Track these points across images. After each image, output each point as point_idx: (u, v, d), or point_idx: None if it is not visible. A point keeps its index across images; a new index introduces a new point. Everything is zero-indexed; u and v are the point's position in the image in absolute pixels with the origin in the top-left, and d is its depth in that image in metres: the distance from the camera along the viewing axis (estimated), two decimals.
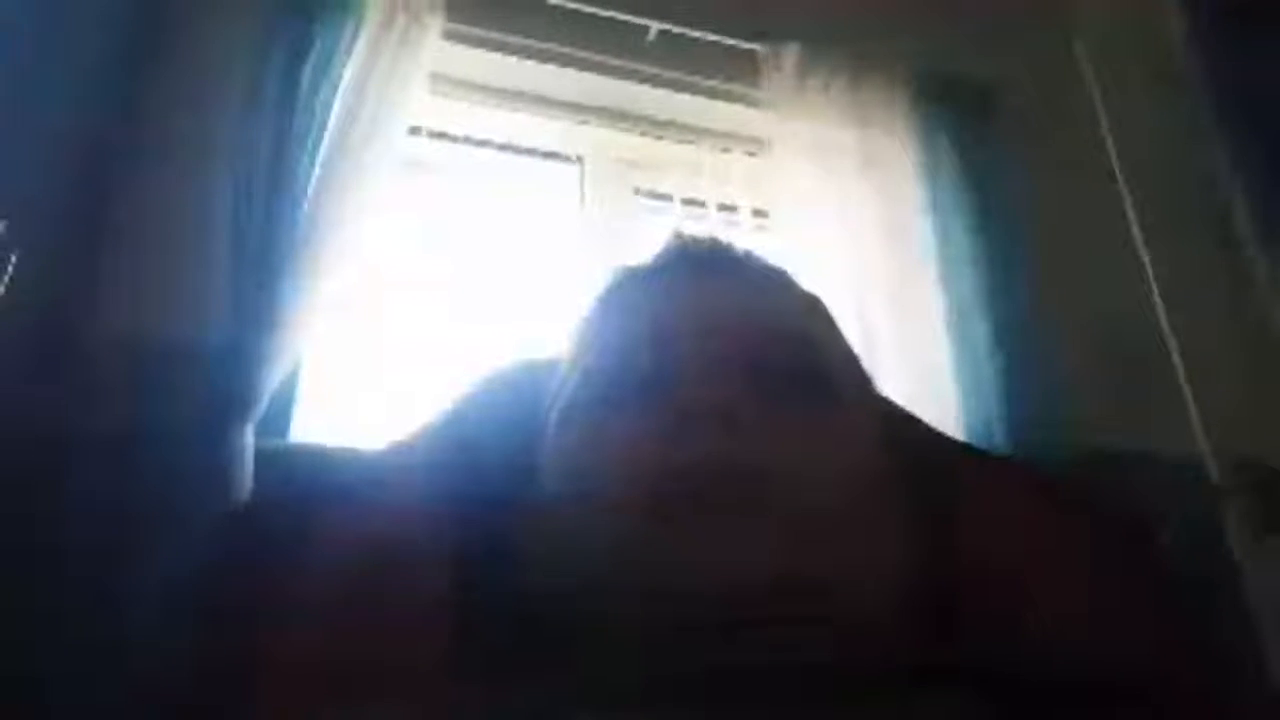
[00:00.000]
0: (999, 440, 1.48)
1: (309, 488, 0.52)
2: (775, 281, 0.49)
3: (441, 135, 1.65)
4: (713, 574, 0.34)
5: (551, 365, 0.49)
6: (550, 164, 1.77)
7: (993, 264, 1.64)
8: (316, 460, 1.22)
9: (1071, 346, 1.65)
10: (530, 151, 1.76)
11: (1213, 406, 1.35)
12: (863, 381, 0.47)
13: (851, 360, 0.47)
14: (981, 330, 1.59)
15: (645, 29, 1.73)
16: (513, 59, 1.66)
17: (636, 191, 1.80)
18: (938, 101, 1.77)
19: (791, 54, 1.72)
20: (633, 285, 0.49)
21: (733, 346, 0.41)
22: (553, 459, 0.43)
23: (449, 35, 1.57)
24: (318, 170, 1.35)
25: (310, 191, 1.33)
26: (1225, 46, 1.58)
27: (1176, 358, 1.45)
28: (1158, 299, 1.48)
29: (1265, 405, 1.34)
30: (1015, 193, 1.73)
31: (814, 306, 0.49)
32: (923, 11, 1.89)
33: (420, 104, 1.50)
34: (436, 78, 1.56)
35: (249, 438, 1.17)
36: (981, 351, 1.57)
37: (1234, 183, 1.52)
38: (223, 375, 1.20)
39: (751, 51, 1.74)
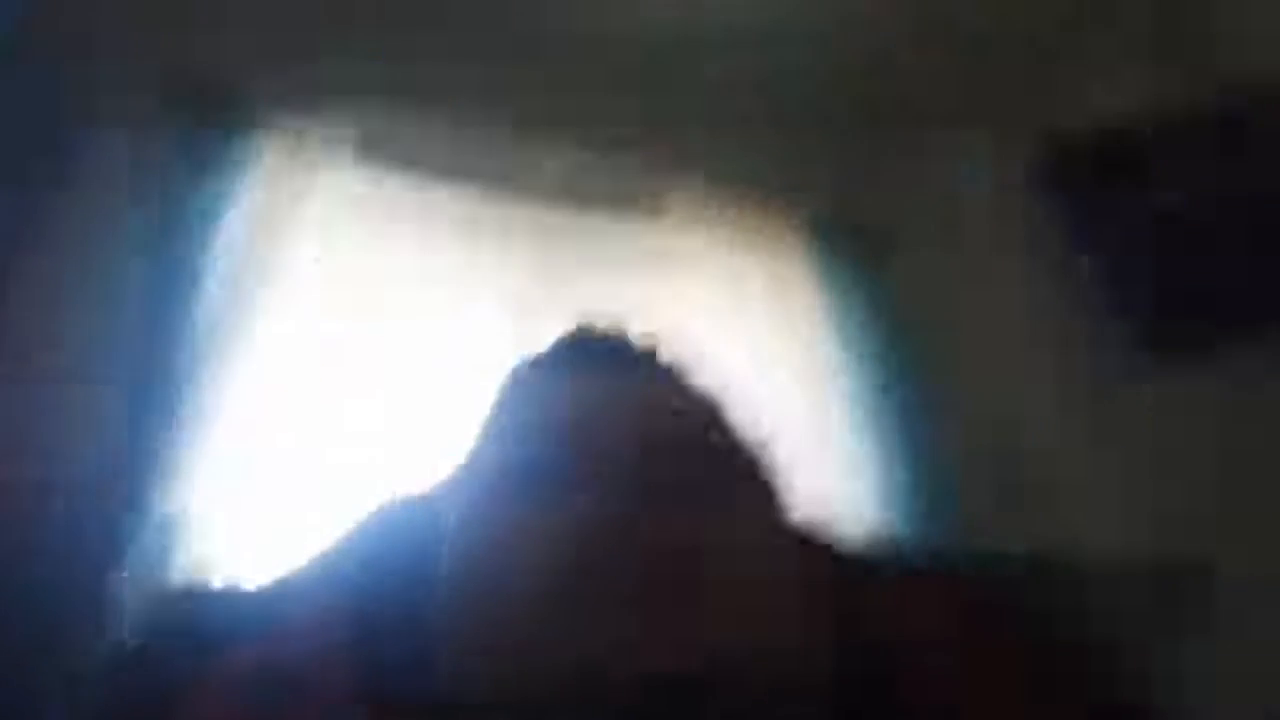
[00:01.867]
0: (902, 544, 1.51)
1: (201, 626, 0.49)
2: (677, 379, 0.50)
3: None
4: (616, 658, 0.36)
5: (442, 494, 0.49)
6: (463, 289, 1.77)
7: (893, 383, 1.71)
8: (206, 598, 1.14)
9: (966, 454, 1.71)
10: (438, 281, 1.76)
11: (1102, 510, 1.42)
12: (759, 485, 0.47)
13: (749, 463, 0.48)
14: (882, 445, 1.64)
15: (551, 153, 1.77)
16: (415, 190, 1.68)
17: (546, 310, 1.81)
18: (837, 239, 1.87)
19: (698, 184, 1.80)
20: (531, 377, 0.49)
21: (637, 442, 0.42)
22: (455, 557, 0.43)
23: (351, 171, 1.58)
24: (212, 305, 1.32)
25: (202, 328, 1.31)
26: (1086, 185, 1.73)
27: (1066, 462, 1.53)
28: (1051, 417, 1.57)
29: (1150, 509, 1.41)
30: (913, 319, 1.81)
31: (716, 408, 0.49)
32: (820, 156, 2.01)
33: (324, 233, 1.50)
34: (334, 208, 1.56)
35: (129, 576, 1.10)
36: (882, 465, 1.62)
37: (1104, 309, 1.65)
38: (104, 514, 1.13)
39: (658, 178, 1.81)
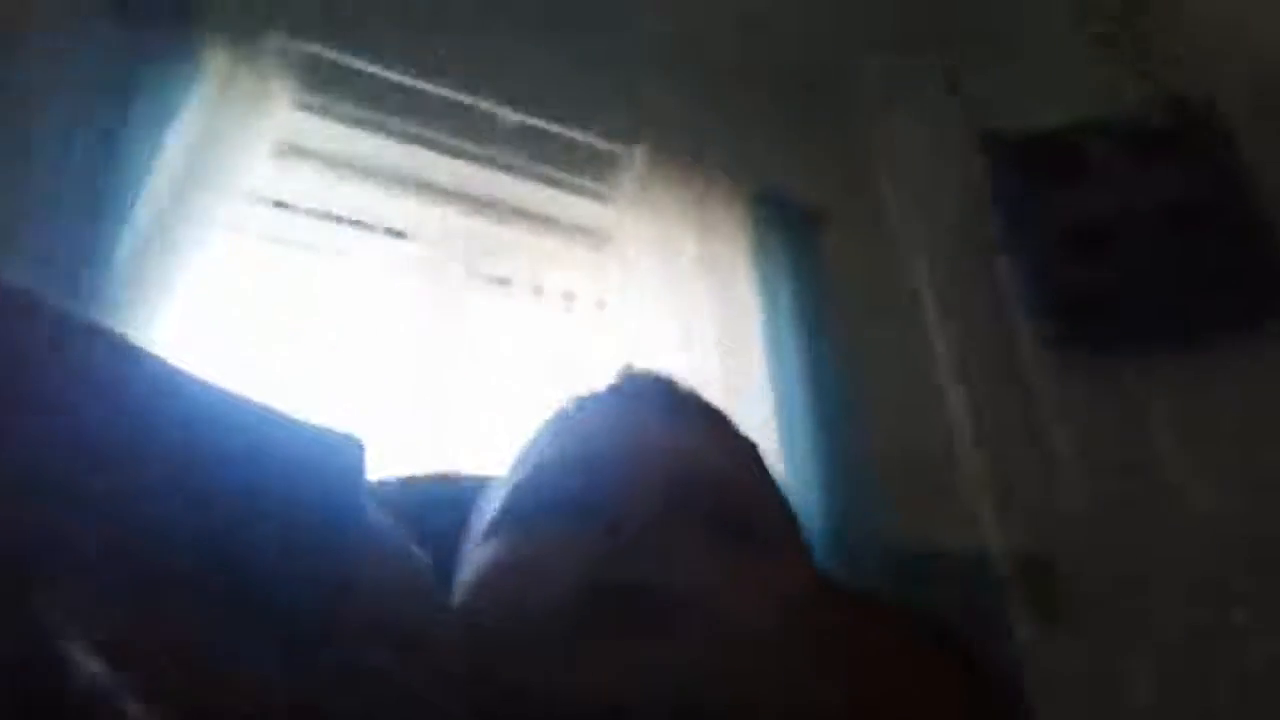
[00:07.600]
0: (817, 532, 1.56)
1: None
2: (715, 423, 0.51)
3: (283, 205, 1.59)
4: (610, 692, 0.35)
5: (485, 482, 0.49)
6: (392, 241, 1.74)
7: (817, 368, 1.75)
8: None
9: (882, 445, 1.77)
10: (372, 227, 1.72)
11: (1002, 505, 1.50)
12: (789, 530, 0.48)
13: (780, 508, 0.49)
14: (805, 426, 1.69)
15: (497, 116, 1.75)
16: (362, 133, 1.64)
17: (477, 274, 1.79)
18: (773, 216, 1.88)
19: (640, 154, 1.79)
20: (578, 413, 0.50)
21: (666, 480, 0.43)
22: (473, 567, 0.43)
23: (298, 104, 1.53)
24: (141, 233, 1.26)
25: (129, 253, 1.24)
26: (1016, 186, 1.80)
27: (973, 459, 1.61)
28: (960, 407, 1.64)
29: (1046, 506, 1.50)
30: (839, 300, 1.86)
31: (750, 452, 0.51)
32: (762, 134, 2.02)
33: (262, 171, 1.45)
34: (281, 146, 1.51)
35: None
36: (804, 447, 1.66)
37: (1020, 308, 1.72)
38: None
39: (601, 147, 1.81)
